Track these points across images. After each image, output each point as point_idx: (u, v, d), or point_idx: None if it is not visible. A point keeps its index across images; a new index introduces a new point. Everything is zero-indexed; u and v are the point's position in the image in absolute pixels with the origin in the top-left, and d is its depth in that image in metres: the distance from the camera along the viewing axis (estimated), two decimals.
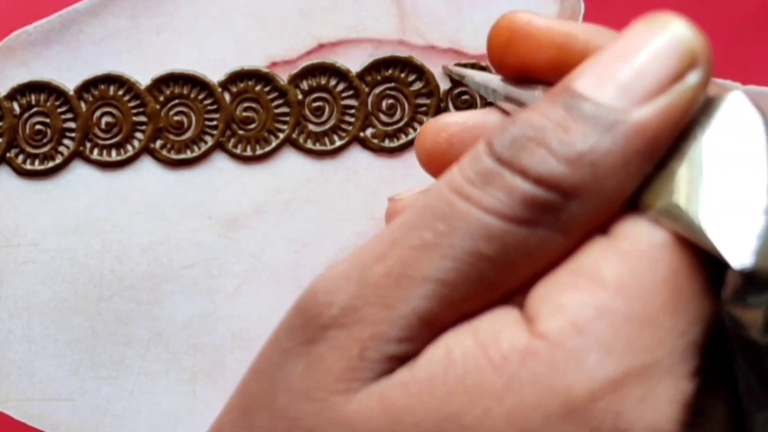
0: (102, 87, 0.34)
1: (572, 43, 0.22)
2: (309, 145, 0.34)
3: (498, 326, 0.18)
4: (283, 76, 0.34)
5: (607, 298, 0.17)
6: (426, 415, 0.17)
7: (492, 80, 0.25)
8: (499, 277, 0.18)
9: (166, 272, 0.34)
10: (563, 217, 0.18)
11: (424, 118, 0.35)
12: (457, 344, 0.18)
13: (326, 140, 0.34)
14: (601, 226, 0.19)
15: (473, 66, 0.34)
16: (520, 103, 0.23)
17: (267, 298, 0.34)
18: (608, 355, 0.17)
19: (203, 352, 0.34)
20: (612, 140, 0.18)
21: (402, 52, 0.35)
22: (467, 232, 0.18)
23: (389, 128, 0.35)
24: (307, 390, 0.18)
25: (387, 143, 0.34)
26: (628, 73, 0.18)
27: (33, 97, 0.34)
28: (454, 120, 0.24)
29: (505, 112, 0.24)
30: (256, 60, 0.34)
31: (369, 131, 0.35)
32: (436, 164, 0.25)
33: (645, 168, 0.18)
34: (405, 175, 0.34)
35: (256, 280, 0.34)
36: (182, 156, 0.34)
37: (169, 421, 0.34)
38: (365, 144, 0.34)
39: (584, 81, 0.19)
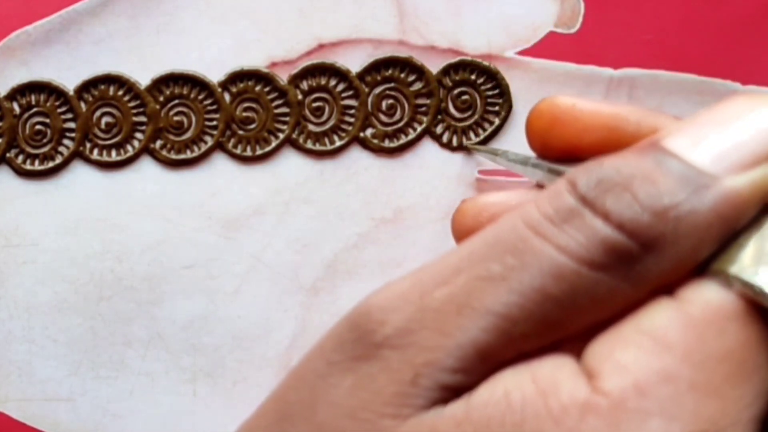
0: (102, 87, 0.34)
1: (622, 125, 0.22)
2: (309, 145, 0.34)
3: (558, 375, 0.18)
4: (283, 76, 0.34)
5: (673, 363, 0.17)
6: None
7: (528, 157, 0.25)
8: (562, 319, 0.18)
9: (166, 272, 0.34)
10: (637, 269, 0.18)
11: (424, 119, 0.35)
12: (516, 387, 0.18)
13: (326, 140, 0.34)
14: (669, 285, 0.18)
15: (472, 65, 0.34)
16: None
17: (267, 298, 0.34)
18: (671, 422, 0.17)
19: (203, 353, 0.34)
20: (700, 201, 0.18)
21: (402, 53, 0.35)
22: (538, 269, 0.18)
23: (389, 128, 0.35)
24: (353, 408, 0.18)
25: (387, 143, 0.34)
26: (725, 140, 0.18)
27: (33, 97, 0.34)
28: (496, 200, 0.24)
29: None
30: (256, 60, 0.34)
31: (369, 131, 0.35)
32: None
33: (724, 235, 0.18)
34: (405, 175, 0.34)
35: (256, 280, 0.34)
36: (182, 156, 0.34)
37: (169, 422, 0.34)
38: (365, 144, 0.34)
39: (677, 141, 0.19)
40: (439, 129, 0.35)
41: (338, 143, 0.34)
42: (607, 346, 0.18)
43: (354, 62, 0.35)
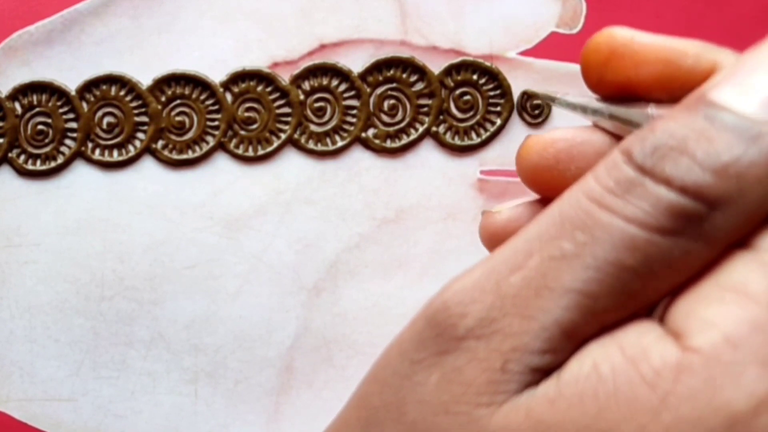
0: (104, 87, 0.34)
1: (681, 58, 0.22)
2: (310, 145, 0.34)
3: (645, 341, 0.18)
4: (284, 77, 0.34)
5: (760, 312, 0.17)
6: (577, 431, 0.17)
7: (589, 100, 0.25)
8: (641, 288, 0.18)
9: (167, 272, 0.34)
10: (707, 228, 0.18)
11: (426, 119, 0.35)
12: (605, 358, 0.18)
13: (328, 141, 0.34)
14: (741, 238, 0.18)
15: (474, 65, 0.34)
16: (628, 122, 0.23)
17: (269, 298, 0.34)
18: (767, 370, 0.17)
19: (205, 353, 0.34)
20: (758, 151, 0.18)
21: (404, 53, 0.35)
22: (609, 242, 0.18)
23: (391, 129, 0.35)
24: (445, 403, 0.18)
25: (389, 144, 0.34)
26: None
27: (35, 98, 0.34)
28: (561, 136, 0.24)
29: (608, 132, 0.24)
30: (257, 60, 0.34)
31: (371, 132, 0.35)
32: (540, 179, 0.24)
33: None
34: (407, 175, 0.34)
35: (257, 280, 0.34)
36: (184, 156, 0.34)
37: (170, 422, 0.34)
38: (367, 144, 0.34)
39: (723, 92, 0.18)
40: (440, 129, 0.35)
41: (340, 143, 0.34)
42: (689, 305, 0.18)
43: (356, 62, 0.35)
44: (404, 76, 0.35)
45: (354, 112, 0.35)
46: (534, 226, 0.19)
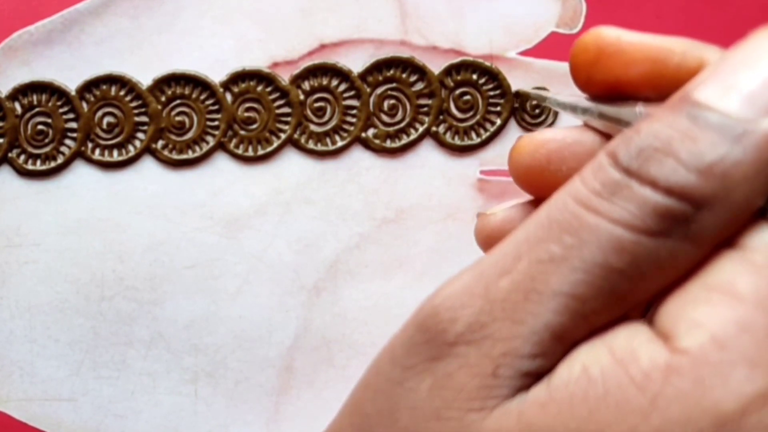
0: (103, 87, 0.34)
1: (668, 57, 0.22)
2: (310, 145, 0.34)
3: (633, 342, 0.18)
4: (284, 77, 0.34)
5: (747, 312, 0.17)
6: None
7: (579, 100, 0.25)
8: (629, 289, 0.18)
9: (167, 272, 0.34)
10: (693, 228, 0.18)
11: (426, 119, 0.35)
12: (594, 361, 0.18)
13: (328, 141, 0.34)
14: (728, 238, 0.18)
15: (474, 65, 0.34)
16: (617, 121, 0.23)
17: (269, 298, 0.34)
18: (755, 369, 0.17)
19: (204, 353, 0.34)
20: (742, 150, 0.18)
21: (403, 53, 0.35)
22: (597, 244, 0.18)
23: (391, 129, 0.35)
24: (437, 409, 0.18)
25: (388, 143, 0.34)
26: (754, 82, 0.18)
27: (35, 98, 0.34)
28: (552, 136, 0.24)
29: (598, 131, 0.24)
30: (257, 60, 0.34)
31: (370, 132, 0.35)
32: (532, 180, 0.24)
33: None
34: (406, 175, 0.34)
35: (257, 280, 0.34)
36: (184, 156, 0.34)
37: (170, 422, 0.34)
38: (367, 144, 0.34)
39: (706, 90, 0.18)
40: (440, 129, 0.35)
41: (340, 143, 0.34)
42: (677, 306, 0.18)
43: (356, 62, 0.35)
44: (404, 76, 0.35)
45: (354, 112, 0.35)
46: (522, 229, 0.19)
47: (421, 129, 0.35)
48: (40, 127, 0.34)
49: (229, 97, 0.34)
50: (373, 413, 0.19)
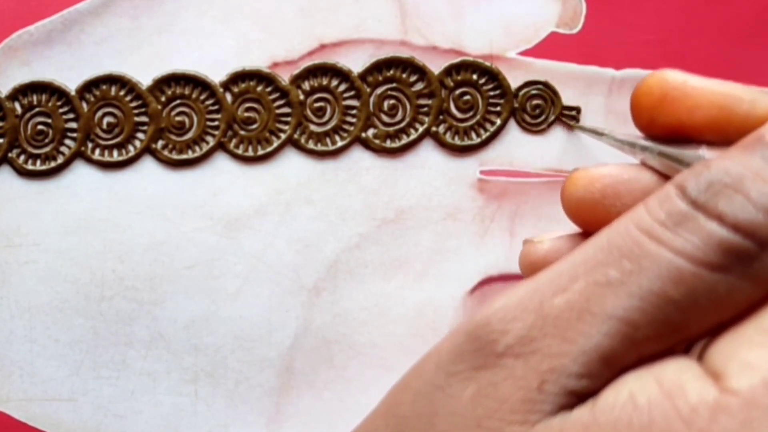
0: (103, 87, 0.34)
1: (736, 104, 0.22)
2: (310, 145, 0.34)
3: (683, 377, 0.18)
4: (284, 77, 0.34)
5: None
6: None
7: (637, 138, 0.25)
8: (683, 321, 0.18)
9: (167, 272, 0.34)
10: (756, 267, 0.18)
11: (426, 119, 0.35)
12: (641, 390, 0.18)
13: (328, 141, 0.34)
14: None
15: (474, 65, 0.34)
16: (679, 161, 0.23)
17: (269, 298, 0.34)
18: None
19: (205, 353, 0.34)
20: None
21: (403, 53, 0.35)
22: (656, 273, 0.18)
23: (391, 129, 0.35)
24: (478, 417, 0.18)
25: (389, 144, 0.34)
26: None
27: (35, 98, 0.34)
28: (607, 172, 0.24)
29: (655, 170, 0.24)
30: (257, 60, 0.34)
31: (370, 132, 0.35)
32: (584, 212, 0.24)
33: None
34: (406, 175, 0.34)
35: (257, 280, 0.34)
36: (183, 156, 0.34)
37: (170, 422, 0.34)
38: (367, 144, 0.34)
39: None
40: (440, 129, 0.35)
41: (340, 143, 0.34)
42: (730, 346, 0.18)
43: (356, 62, 0.35)
44: (404, 76, 0.35)
45: (354, 112, 0.35)
46: (580, 251, 0.19)
47: (421, 129, 0.35)
48: (40, 127, 0.34)
49: (229, 97, 0.34)
50: (410, 416, 0.19)
